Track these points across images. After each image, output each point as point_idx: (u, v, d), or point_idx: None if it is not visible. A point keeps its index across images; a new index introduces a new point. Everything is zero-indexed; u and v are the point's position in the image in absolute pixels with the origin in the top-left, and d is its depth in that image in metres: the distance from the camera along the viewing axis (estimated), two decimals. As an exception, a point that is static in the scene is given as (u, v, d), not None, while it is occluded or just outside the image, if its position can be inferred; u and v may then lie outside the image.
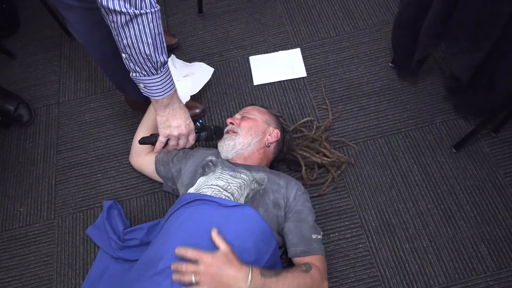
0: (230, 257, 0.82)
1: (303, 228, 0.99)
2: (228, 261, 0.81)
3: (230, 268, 0.80)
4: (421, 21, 1.16)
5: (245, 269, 0.80)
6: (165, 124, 1.03)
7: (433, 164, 1.30)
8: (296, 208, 1.01)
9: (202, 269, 0.79)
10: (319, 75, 1.51)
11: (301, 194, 1.04)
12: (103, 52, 1.10)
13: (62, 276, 1.21)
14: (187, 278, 0.79)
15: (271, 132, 1.16)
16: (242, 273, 0.80)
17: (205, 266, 0.79)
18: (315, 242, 0.98)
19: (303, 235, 0.98)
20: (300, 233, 0.98)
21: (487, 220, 1.20)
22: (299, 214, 1.00)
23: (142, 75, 0.90)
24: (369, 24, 1.61)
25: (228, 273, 0.79)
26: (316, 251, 0.97)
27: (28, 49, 1.69)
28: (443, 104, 1.41)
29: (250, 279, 0.79)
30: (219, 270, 0.79)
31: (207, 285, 0.78)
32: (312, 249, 0.96)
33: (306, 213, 1.01)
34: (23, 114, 1.47)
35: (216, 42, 1.63)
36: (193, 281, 0.78)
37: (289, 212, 1.01)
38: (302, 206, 1.02)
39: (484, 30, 1.04)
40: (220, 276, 0.79)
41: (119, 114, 1.50)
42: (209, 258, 0.80)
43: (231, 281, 0.79)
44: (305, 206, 1.03)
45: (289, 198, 1.02)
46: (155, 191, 1.33)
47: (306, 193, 1.07)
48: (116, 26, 0.82)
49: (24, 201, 1.35)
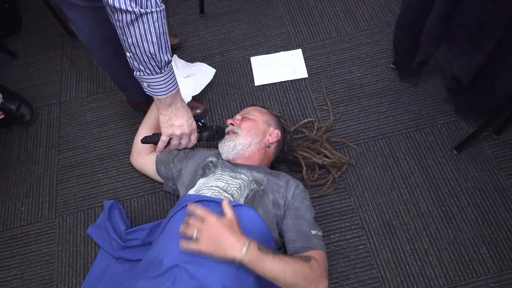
0: (234, 225, 0.84)
1: (301, 224, 0.97)
2: (230, 228, 0.83)
3: (230, 234, 0.81)
4: (423, 22, 1.16)
5: (244, 239, 0.81)
6: (168, 124, 1.03)
7: (434, 166, 1.30)
8: (294, 205, 1.00)
9: (204, 228, 0.82)
10: (320, 76, 1.51)
11: (300, 192, 1.04)
12: (106, 51, 1.10)
13: (63, 275, 1.22)
14: (190, 232, 0.83)
15: (272, 132, 1.16)
16: (240, 242, 0.81)
17: (208, 226, 0.82)
18: (314, 238, 0.95)
19: (301, 231, 0.96)
20: (298, 229, 0.96)
21: (488, 222, 1.20)
22: (297, 211, 1.00)
23: (146, 74, 0.90)
24: (370, 25, 1.61)
25: (227, 238, 0.81)
26: (316, 246, 0.94)
27: (30, 48, 1.69)
28: (444, 105, 1.40)
29: (245, 250, 0.80)
30: (220, 233, 0.81)
31: (205, 244, 0.81)
32: (311, 244, 0.94)
33: (304, 210, 1.00)
34: (25, 113, 1.47)
35: (218, 43, 1.63)
36: (194, 236, 0.82)
37: (287, 210, 1.00)
38: (300, 203, 1.01)
39: (485, 32, 1.04)
40: (219, 238, 0.81)
41: (121, 114, 1.50)
42: (214, 220, 0.83)
43: (228, 246, 0.80)
44: (303, 203, 1.02)
45: (288, 196, 1.02)
46: (155, 191, 1.33)
47: (305, 191, 1.06)
48: (121, 25, 0.82)
49: (25, 200, 1.35)
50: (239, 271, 0.85)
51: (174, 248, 0.88)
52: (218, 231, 0.82)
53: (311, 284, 0.86)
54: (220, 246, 0.81)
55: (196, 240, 0.82)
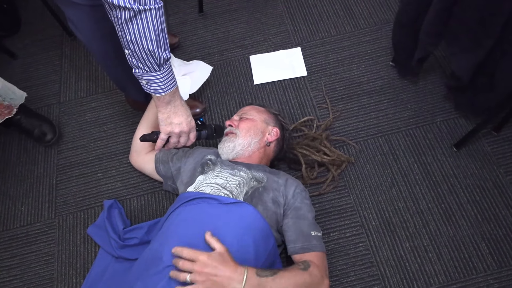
0: (226, 257, 0.81)
1: (302, 225, 0.98)
2: (223, 261, 0.80)
3: (225, 268, 0.79)
4: (422, 19, 1.16)
5: (240, 269, 0.80)
6: (167, 121, 1.03)
7: (434, 163, 1.30)
8: (294, 205, 1.01)
9: (197, 268, 0.79)
10: (319, 74, 1.51)
11: (300, 191, 1.04)
12: (105, 50, 1.10)
13: (63, 275, 1.22)
14: (183, 276, 0.80)
15: (271, 131, 1.16)
16: (238, 273, 0.79)
17: (201, 266, 0.79)
18: (314, 239, 0.97)
19: (302, 231, 0.97)
20: (299, 229, 0.97)
21: (488, 219, 1.20)
22: (298, 211, 1.00)
23: (144, 72, 0.90)
24: (369, 23, 1.61)
25: (223, 273, 0.79)
26: (315, 247, 0.95)
27: (29, 49, 1.69)
28: (443, 103, 1.40)
29: (245, 280, 0.79)
30: (214, 269, 0.79)
31: (201, 284, 0.78)
32: (311, 245, 0.95)
33: (305, 210, 1.01)
34: (46, 132, 1.42)
35: (217, 42, 1.63)
36: (188, 280, 0.79)
37: (287, 209, 1.01)
38: (300, 203, 1.02)
39: (485, 29, 1.04)
40: (215, 275, 0.78)
41: (120, 113, 1.50)
42: (204, 258, 0.80)
43: (226, 281, 0.78)
44: (304, 203, 1.02)
45: (288, 195, 1.02)
46: (155, 190, 1.33)
47: (306, 191, 1.07)
48: (120, 22, 0.82)
49: (25, 201, 1.35)
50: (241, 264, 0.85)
51: (172, 245, 0.88)
52: (212, 268, 0.79)
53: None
54: (218, 283, 0.78)
55: (192, 284, 0.79)
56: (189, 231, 0.91)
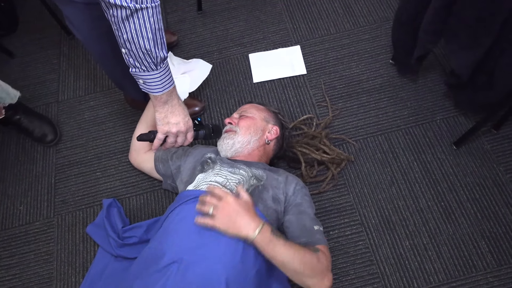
0: (249, 206, 0.87)
1: (304, 220, 0.98)
2: (246, 208, 0.85)
3: (246, 214, 0.84)
4: (421, 17, 1.15)
5: (258, 220, 0.84)
6: (164, 121, 1.03)
7: (434, 161, 1.30)
8: (295, 201, 1.01)
9: (222, 205, 0.85)
10: (319, 73, 1.51)
11: (300, 188, 1.04)
12: (102, 48, 1.10)
13: (62, 274, 1.21)
14: (207, 208, 0.86)
15: (270, 129, 1.16)
16: (255, 222, 0.83)
17: (225, 204, 0.85)
18: (317, 233, 0.96)
19: (304, 226, 0.97)
20: (301, 225, 0.97)
21: (488, 217, 1.20)
22: (299, 207, 1.00)
23: (141, 71, 0.90)
24: (369, 21, 1.61)
25: (242, 217, 0.84)
26: (319, 241, 0.95)
27: (27, 47, 1.68)
28: (443, 101, 1.40)
29: (258, 230, 0.82)
30: (236, 212, 0.84)
31: (220, 220, 0.84)
32: (315, 239, 0.95)
33: (306, 206, 1.01)
34: (47, 132, 1.42)
35: (216, 40, 1.63)
36: (210, 212, 0.85)
37: (288, 206, 1.01)
38: (301, 199, 1.02)
39: (484, 27, 1.03)
40: (235, 217, 0.84)
41: (119, 112, 1.49)
42: (231, 199, 0.85)
43: (242, 225, 0.83)
44: (304, 199, 1.02)
45: (288, 192, 1.02)
46: (154, 189, 1.33)
47: (305, 187, 1.07)
48: (116, 21, 0.82)
49: (23, 200, 1.35)
50: (241, 263, 0.85)
51: (172, 243, 0.88)
52: (234, 209, 0.84)
53: (317, 275, 0.87)
54: (235, 224, 0.83)
55: (212, 217, 0.85)
56: (188, 230, 0.91)
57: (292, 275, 0.87)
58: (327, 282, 0.88)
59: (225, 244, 0.87)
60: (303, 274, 0.86)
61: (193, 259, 0.84)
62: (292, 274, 0.87)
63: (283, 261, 0.84)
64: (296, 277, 0.87)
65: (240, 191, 0.91)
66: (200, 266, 0.84)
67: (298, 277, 0.87)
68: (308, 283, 0.87)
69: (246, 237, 0.83)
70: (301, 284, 0.88)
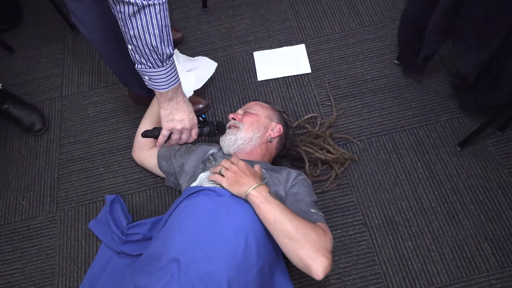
0: (257, 173, 0.95)
1: (300, 205, 0.96)
2: (253, 173, 0.93)
3: (250, 176, 0.91)
4: (428, 18, 1.15)
5: (258, 181, 0.91)
6: (169, 118, 1.03)
7: (437, 162, 1.29)
8: (292, 191, 1.00)
9: (233, 167, 0.94)
10: (323, 72, 1.50)
11: (299, 180, 1.03)
12: (108, 44, 1.09)
13: (64, 269, 1.21)
14: (218, 169, 0.96)
15: (274, 127, 1.16)
16: (255, 181, 0.90)
17: (236, 166, 0.94)
18: (315, 215, 0.93)
19: (300, 210, 0.94)
20: (297, 210, 0.93)
21: (491, 219, 1.19)
22: (295, 196, 0.99)
23: (147, 67, 0.90)
24: (374, 20, 1.60)
25: (246, 177, 0.91)
26: (318, 220, 0.91)
27: (31, 42, 1.68)
28: (448, 102, 1.40)
29: (256, 186, 0.88)
30: (241, 174, 0.92)
31: (227, 178, 0.92)
32: (313, 219, 0.91)
33: (302, 195, 0.99)
34: (35, 121, 1.42)
35: (220, 37, 1.62)
36: (221, 171, 0.94)
37: (286, 196, 1.00)
38: (298, 189, 1.01)
39: (492, 28, 1.03)
40: (239, 176, 0.91)
41: (122, 108, 1.49)
42: (243, 164, 0.94)
43: (243, 183, 0.90)
44: (301, 189, 1.01)
45: (287, 186, 1.02)
46: (157, 185, 1.33)
47: (306, 179, 1.06)
48: (123, 17, 0.81)
49: (26, 194, 1.35)
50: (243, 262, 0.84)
51: (176, 240, 0.88)
52: (242, 171, 0.92)
53: (311, 245, 0.81)
54: (238, 182, 0.90)
55: (222, 175, 0.94)
56: (192, 226, 0.91)
57: (284, 243, 0.83)
58: (323, 258, 0.79)
59: (227, 242, 0.87)
60: (295, 240, 0.81)
61: (194, 258, 0.84)
62: (285, 241, 0.82)
63: (275, 219, 0.83)
64: (289, 244, 0.82)
65: (256, 165, 0.98)
66: (202, 265, 0.83)
67: (291, 244, 0.81)
68: (301, 253, 0.80)
69: (244, 192, 0.88)
70: (295, 258, 0.82)
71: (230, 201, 0.93)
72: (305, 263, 0.80)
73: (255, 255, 0.88)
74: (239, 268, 0.84)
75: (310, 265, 0.80)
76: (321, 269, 0.79)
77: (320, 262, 0.79)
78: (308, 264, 0.80)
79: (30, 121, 1.41)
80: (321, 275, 0.79)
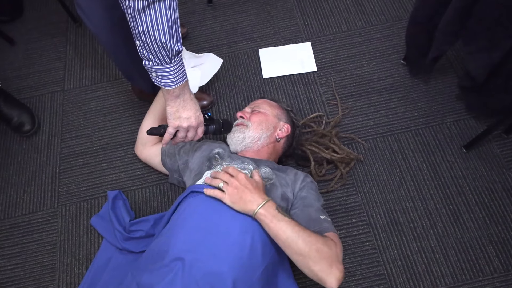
0: (259, 186, 0.90)
1: (309, 211, 0.95)
2: (256, 187, 0.89)
3: (254, 191, 0.87)
4: (438, 18, 1.14)
5: (265, 197, 0.87)
6: (175, 115, 1.01)
7: (443, 164, 1.29)
8: (301, 195, 1.00)
9: (233, 182, 0.89)
10: (329, 70, 1.49)
11: (307, 183, 1.03)
12: (114, 38, 1.08)
13: (65, 265, 1.20)
14: (217, 182, 0.91)
15: (282, 127, 1.14)
16: (261, 198, 0.86)
17: (236, 180, 0.89)
18: (325, 222, 0.93)
19: (310, 217, 0.94)
20: (307, 216, 0.94)
21: (496, 221, 1.19)
22: (304, 200, 0.98)
23: (155, 64, 0.88)
24: (381, 19, 1.59)
25: (250, 193, 0.87)
26: (327, 229, 0.91)
27: (32, 34, 1.66)
28: (454, 103, 1.39)
29: (263, 203, 0.85)
30: (245, 188, 0.87)
31: (229, 194, 0.87)
32: (323, 228, 0.91)
33: (311, 199, 0.99)
34: (25, 122, 1.39)
35: (225, 33, 1.61)
36: (221, 186, 0.89)
37: (294, 200, 0.99)
38: (306, 193, 1.00)
39: (504, 29, 1.02)
40: (242, 192, 0.87)
41: (125, 103, 1.47)
42: (243, 177, 0.89)
43: (248, 200, 0.86)
44: (310, 193, 1.00)
45: (295, 189, 1.01)
46: (160, 182, 1.31)
47: (313, 182, 1.05)
48: (132, 12, 0.79)
49: (27, 189, 1.33)
50: (248, 261, 0.84)
51: (179, 238, 0.87)
52: (244, 186, 0.88)
53: (324, 260, 0.82)
54: (242, 199, 0.86)
55: (221, 191, 0.89)
56: (195, 226, 0.89)
57: (298, 260, 0.83)
58: (336, 271, 0.82)
59: (232, 241, 0.85)
60: (309, 257, 0.82)
61: (198, 256, 0.83)
62: (298, 258, 0.83)
63: (287, 238, 0.82)
64: (302, 261, 0.83)
65: (255, 174, 0.94)
66: (206, 263, 0.82)
67: (305, 261, 0.82)
68: (315, 269, 0.82)
69: (251, 210, 0.85)
70: (308, 272, 0.83)
71: None
72: (320, 278, 0.82)
73: (260, 255, 0.87)
74: (245, 268, 0.84)
75: (325, 279, 0.82)
76: (335, 282, 0.81)
77: (334, 275, 0.81)
78: (323, 278, 0.82)
79: (19, 121, 1.38)
80: (335, 287, 0.81)
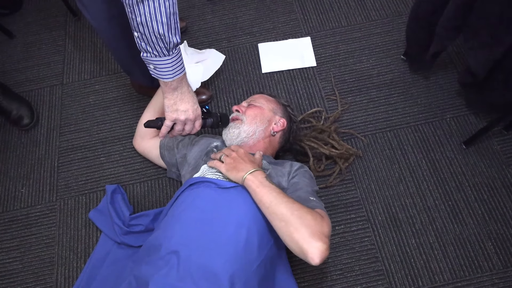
0: (256, 160, 0.95)
1: (299, 193, 0.94)
2: (251, 160, 0.93)
3: (247, 162, 0.92)
4: (440, 13, 1.13)
5: (256, 167, 0.91)
6: (173, 108, 1.01)
7: (442, 160, 1.28)
8: (293, 181, 0.99)
9: (232, 153, 0.95)
10: (329, 65, 1.48)
11: (301, 171, 1.02)
12: (113, 31, 1.07)
13: (64, 259, 1.20)
14: (219, 155, 0.97)
15: (277, 121, 1.14)
16: (252, 167, 0.90)
17: (236, 152, 0.95)
18: (313, 201, 0.92)
19: (299, 197, 0.92)
20: (297, 198, 0.91)
21: (495, 218, 1.19)
22: (296, 185, 0.98)
23: (153, 56, 0.88)
24: (381, 15, 1.58)
25: (244, 163, 0.92)
26: (315, 206, 0.89)
27: (31, 27, 1.65)
28: (454, 99, 1.38)
29: (252, 171, 0.88)
30: (240, 160, 0.92)
31: (226, 164, 0.93)
32: (310, 205, 0.89)
33: (302, 184, 0.98)
34: (24, 115, 1.38)
35: (225, 28, 1.60)
36: (222, 158, 0.95)
37: (287, 187, 0.99)
38: (298, 179, 0.99)
39: (506, 25, 1.01)
40: (238, 162, 0.92)
41: (124, 97, 1.47)
42: (243, 151, 0.96)
43: (241, 169, 0.90)
44: (302, 179, 0.99)
45: (289, 177, 1.01)
46: (159, 176, 1.31)
47: (308, 171, 1.05)
48: (131, 3, 0.79)
49: (26, 182, 1.33)
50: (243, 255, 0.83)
51: (176, 231, 0.87)
52: (241, 157, 0.93)
53: (307, 228, 0.78)
54: (235, 168, 0.91)
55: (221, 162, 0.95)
56: (191, 219, 0.89)
57: (280, 227, 0.81)
58: (319, 242, 0.76)
59: (228, 235, 0.85)
60: (290, 223, 0.78)
61: (194, 250, 0.83)
62: (280, 225, 0.80)
63: (270, 203, 0.82)
64: (285, 228, 0.80)
65: (257, 153, 0.99)
66: (201, 257, 0.82)
67: (287, 227, 0.79)
68: (295, 236, 0.78)
69: (240, 177, 0.88)
70: (290, 241, 0.79)
71: (232, 193, 0.92)
72: (301, 247, 0.77)
73: (256, 248, 0.87)
74: (240, 261, 0.83)
75: (306, 249, 0.76)
76: (317, 253, 0.75)
77: (316, 246, 0.76)
78: (304, 248, 0.77)
79: (18, 115, 1.38)
80: (318, 260, 0.75)
